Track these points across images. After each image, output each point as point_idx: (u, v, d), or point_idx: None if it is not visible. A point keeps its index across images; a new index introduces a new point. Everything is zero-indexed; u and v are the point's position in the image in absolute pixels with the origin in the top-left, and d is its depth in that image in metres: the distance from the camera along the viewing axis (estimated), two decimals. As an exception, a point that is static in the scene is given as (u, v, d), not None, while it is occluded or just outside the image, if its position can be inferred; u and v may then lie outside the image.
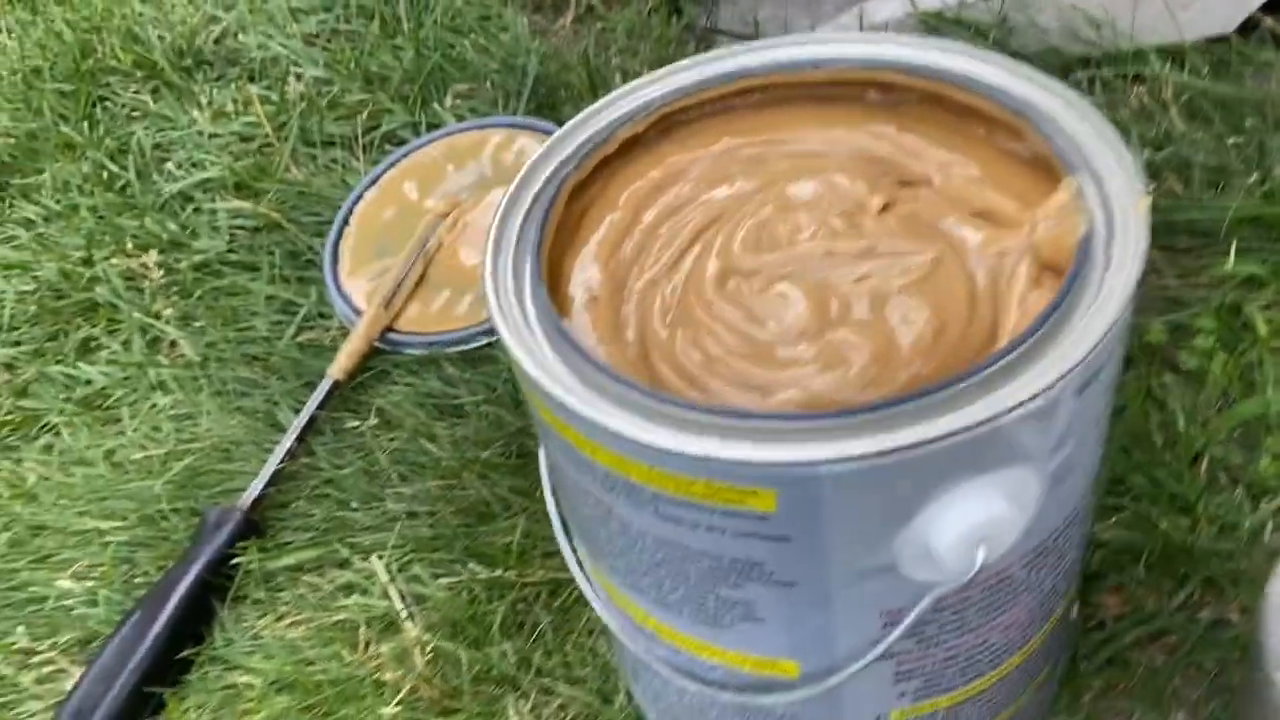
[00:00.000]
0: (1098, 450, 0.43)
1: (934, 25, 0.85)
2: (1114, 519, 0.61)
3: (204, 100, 1.08)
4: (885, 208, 0.46)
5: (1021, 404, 0.35)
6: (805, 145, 0.50)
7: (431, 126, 0.98)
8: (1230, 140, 0.77)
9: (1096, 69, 0.82)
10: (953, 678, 0.46)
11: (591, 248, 0.47)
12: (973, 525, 0.37)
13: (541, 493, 0.63)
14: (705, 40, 1.01)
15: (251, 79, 1.10)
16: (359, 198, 0.93)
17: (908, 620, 0.40)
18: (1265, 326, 0.68)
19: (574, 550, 0.51)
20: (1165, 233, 0.74)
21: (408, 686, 0.62)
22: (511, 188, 0.47)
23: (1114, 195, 0.41)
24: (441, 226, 0.88)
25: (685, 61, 0.52)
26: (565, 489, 0.46)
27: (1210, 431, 0.64)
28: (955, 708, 0.48)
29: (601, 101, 0.51)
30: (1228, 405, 0.65)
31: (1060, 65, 0.83)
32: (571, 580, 0.63)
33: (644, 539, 0.41)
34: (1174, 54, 0.82)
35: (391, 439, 0.76)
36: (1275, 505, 0.61)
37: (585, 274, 0.46)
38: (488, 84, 1.00)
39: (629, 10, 1.03)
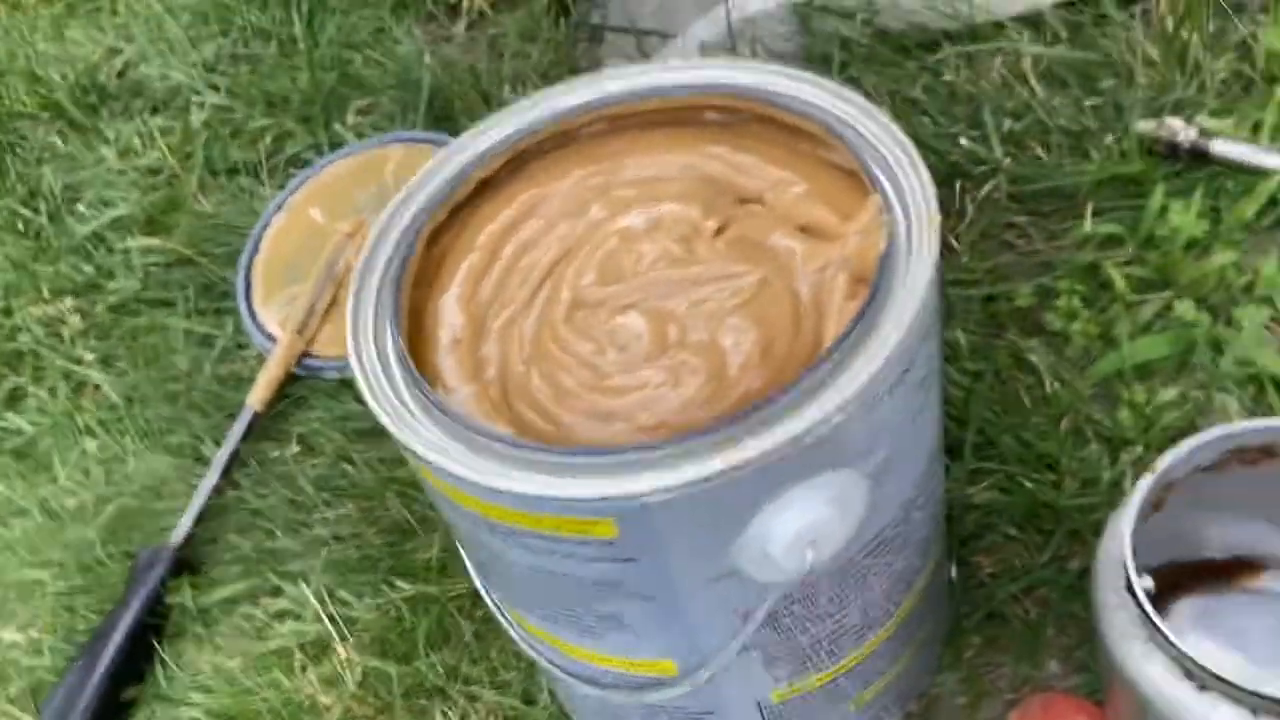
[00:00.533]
0: (924, 443, 0.47)
1: (805, 12, 0.88)
2: (986, 482, 0.65)
3: (111, 136, 1.09)
4: (719, 231, 0.49)
5: (825, 419, 0.38)
6: (647, 170, 0.53)
7: (334, 146, 1.00)
8: (1088, 103, 0.80)
9: (962, 44, 0.85)
10: (822, 658, 0.50)
11: (453, 291, 0.50)
12: (799, 530, 0.40)
13: None
14: (596, 37, 1.03)
15: (155, 110, 1.11)
16: (267, 224, 0.95)
17: (757, 618, 0.44)
18: (1123, 282, 0.72)
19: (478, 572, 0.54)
20: (1031, 198, 0.78)
21: (341, 708, 0.65)
22: (371, 239, 0.50)
23: (913, 210, 0.44)
24: (349, 247, 0.90)
25: (533, 98, 0.55)
26: (444, 516, 0.49)
27: (1075, 389, 0.68)
28: (833, 682, 0.52)
29: (456, 143, 0.54)
30: (1090, 363, 0.69)
31: (927, 42, 0.86)
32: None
33: (517, 565, 0.45)
34: (1034, 22, 0.85)
35: (313, 465, 0.79)
36: (1134, 456, 0.65)
37: (448, 317, 0.49)
38: (385, 99, 1.01)
39: (519, 13, 1.04)
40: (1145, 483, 0.47)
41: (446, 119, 0.98)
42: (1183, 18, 0.80)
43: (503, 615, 0.54)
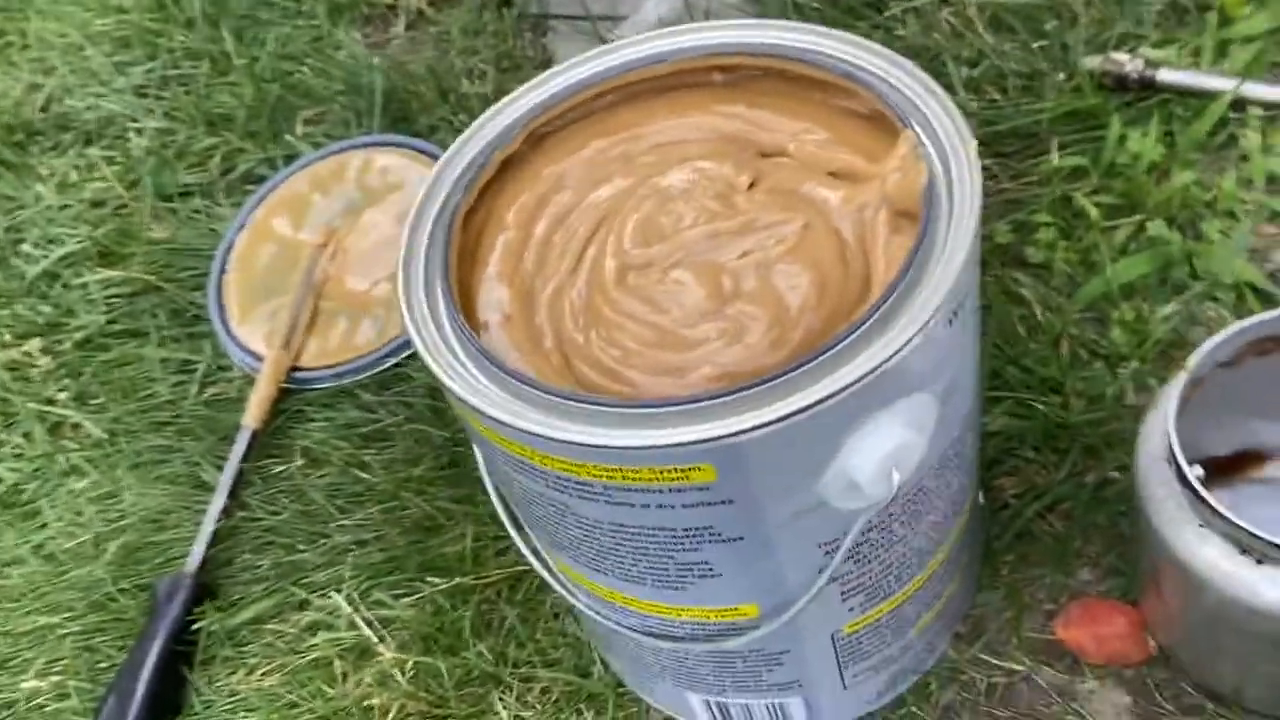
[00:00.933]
0: (975, 365, 0.49)
1: (753, -21, 0.90)
2: (999, 409, 0.68)
3: (45, 173, 1.06)
4: (752, 184, 0.50)
5: (903, 346, 0.40)
6: (666, 135, 0.54)
7: (288, 159, 0.98)
8: (1036, 45, 0.84)
9: (910, 0, 0.88)
10: (890, 584, 0.51)
11: (493, 269, 0.51)
12: (884, 455, 0.42)
13: (482, 496, 0.66)
14: (539, 27, 1.03)
15: (89, 142, 1.08)
16: (231, 244, 0.93)
17: (845, 546, 0.45)
18: (1095, 210, 0.75)
19: (529, 546, 0.55)
20: (995, 140, 0.81)
21: (396, 706, 0.65)
22: (406, 228, 0.50)
23: (945, 142, 0.46)
24: (323, 257, 0.89)
25: (540, 76, 0.55)
26: (514, 493, 0.50)
27: (1065, 315, 0.71)
28: (898, 609, 0.54)
29: (472, 127, 0.54)
30: (1075, 288, 0.72)
31: (875, 1, 0.89)
32: (529, 572, 0.67)
33: (601, 526, 0.45)
34: (973, -28, 0.88)
35: (322, 475, 0.78)
36: (1132, 369, 0.68)
37: (494, 295, 0.50)
38: (335, 106, 1.00)
39: (460, 9, 1.04)
40: (1180, 379, 0.50)
41: (403, 119, 0.97)
42: (1115, -43, 0.84)
43: (562, 586, 0.55)
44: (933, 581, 0.54)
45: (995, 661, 0.61)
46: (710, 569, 0.46)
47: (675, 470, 0.40)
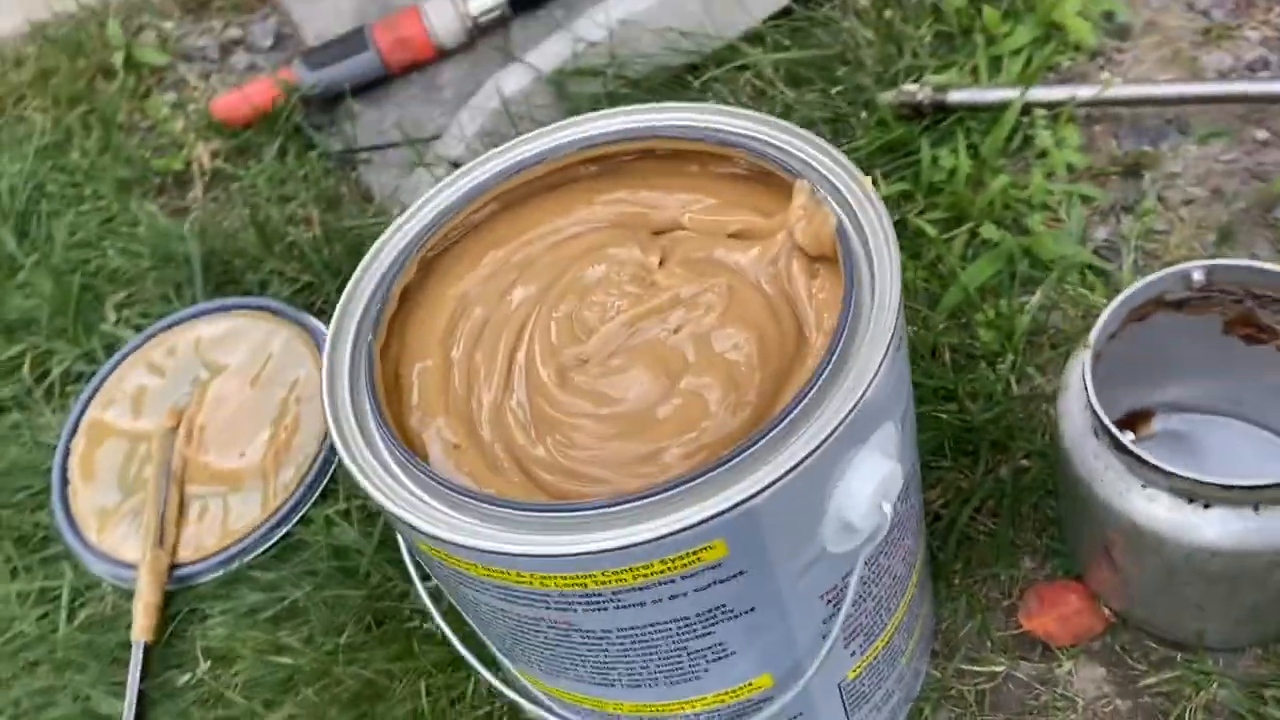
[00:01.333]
0: (910, 384, 0.50)
1: (558, 81, 0.92)
2: (907, 430, 0.70)
3: None
4: (661, 262, 0.50)
5: (874, 375, 0.41)
6: (560, 233, 0.53)
7: (109, 349, 0.92)
8: (833, 90, 0.89)
9: (709, 70, 0.92)
10: (882, 619, 0.52)
11: (421, 400, 0.49)
12: (874, 488, 0.42)
13: (422, 648, 0.63)
14: (348, 162, 1.02)
15: None
16: (67, 451, 0.85)
17: (853, 584, 0.45)
18: (930, 228, 0.80)
19: (505, 681, 0.52)
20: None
21: None
22: (324, 380, 0.47)
23: (837, 184, 0.48)
24: (177, 441, 0.83)
25: (416, 205, 0.54)
26: (499, 628, 0.47)
27: (934, 327, 0.75)
28: (890, 642, 0.54)
29: (360, 268, 0.52)
30: (936, 301, 0.77)
31: (675, 79, 0.93)
32: (493, 712, 0.63)
33: (609, 636, 0.44)
34: (757, 37, 0.94)
35: (235, 674, 0.72)
36: (1009, 364, 0.72)
37: (431, 427, 0.48)
38: (148, 284, 0.95)
39: (262, 161, 1.01)
40: (1083, 356, 0.54)
41: (229, 282, 0.93)
42: (883, 1, 0.91)
43: (556, 716, 0.52)
44: (911, 606, 0.55)
45: (976, 669, 0.63)
46: (724, 649, 0.45)
47: (687, 555, 0.40)
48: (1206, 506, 0.50)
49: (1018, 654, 0.63)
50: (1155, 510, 0.51)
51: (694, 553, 0.40)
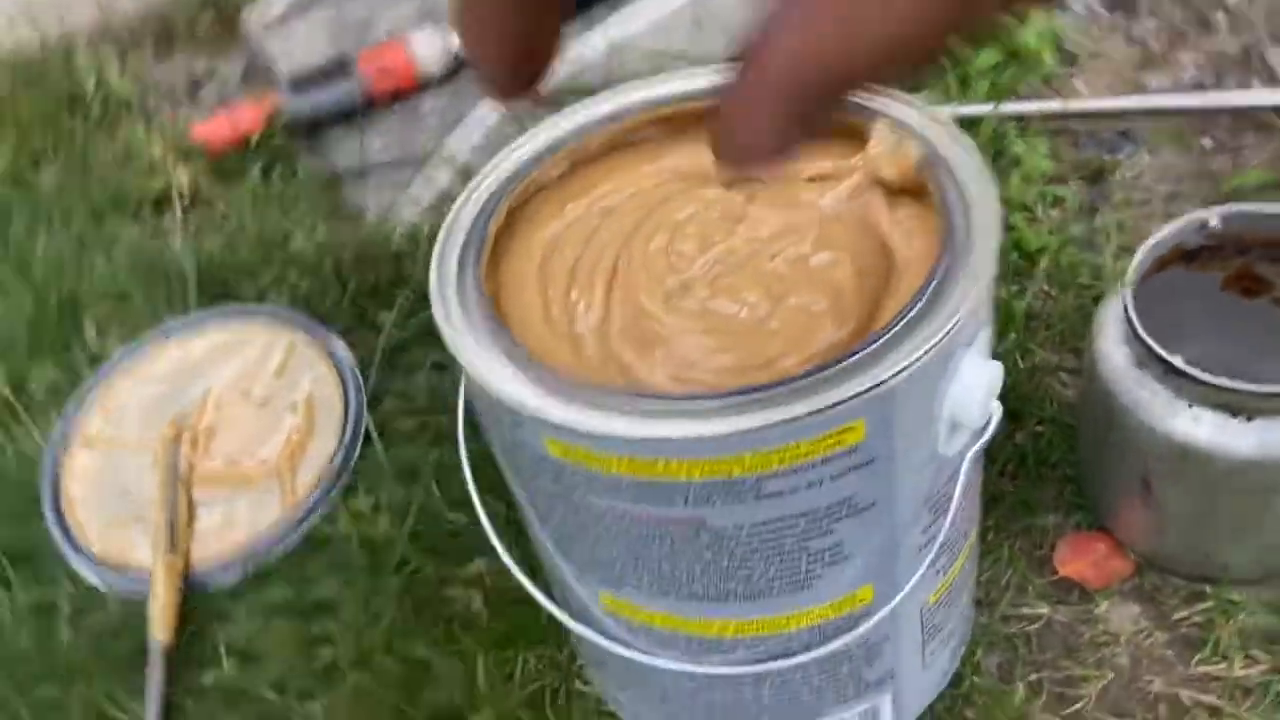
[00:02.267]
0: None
1: (556, 101, 0.95)
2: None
3: None
4: (747, 202, 0.53)
5: (989, 272, 0.44)
6: (635, 186, 0.56)
7: (95, 360, 0.89)
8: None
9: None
10: (959, 540, 0.54)
11: (527, 333, 0.50)
12: (984, 384, 0.45)
13: (462, 632, 0.63)
14: (331, 185, 1.02)
15: None
16: (58, 464, 0.82)
17: (958, 487, 0.48)
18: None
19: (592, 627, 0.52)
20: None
21: None
22: (441, 324, 0.48)
23: (915, 125, 0.52)
24: (180, 449, 0.81)
25: (489, 166, 0.55)
26: (612, 550, 0.48)
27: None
28: (961, 571, 0.56)
29: (445, 225, 0.53)
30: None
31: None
32: (546, 688, 0.63)
33: (739, 535, 0.45)
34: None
35: (264, 670, 0.69)
36: (1011, 341, 0.77)
37: (546, 354, 0.49)
38: (137, 299, 0.92)
39: (244, 183, 1.01)
40: (1124, 294, 0.58)
41: (224, 295, 0.92)
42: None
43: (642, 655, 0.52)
44: (975, 536, 0.58)
45: (1020, 613, 0.65)
46: (840, 551, 0.47)
47: (831, 436, 0.41)
48: (1249, 419, 0.54)
49: (1056, 599, 0.66)
50: (1200, 430, 0.55)
51: (837, 433, 0.41)
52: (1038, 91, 0.97)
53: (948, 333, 0.42)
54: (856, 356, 0.41)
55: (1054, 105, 0.91)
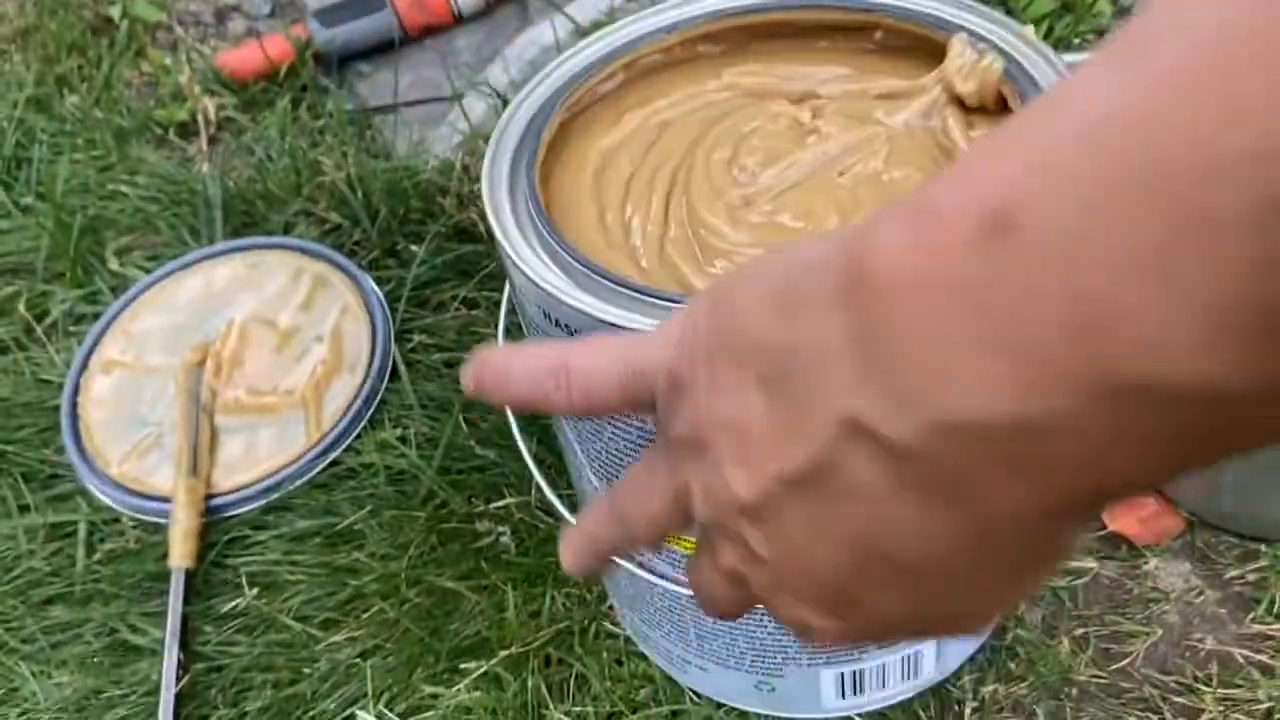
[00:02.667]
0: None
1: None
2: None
3: None
4: (814, 116, 0.51)
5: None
6: (696, 100, 0.53)
7: (115, 290, 0.87)
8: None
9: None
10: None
11: (582, 244, 0.47)
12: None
13: (489, 569, 0.61)
14: (361, 123, 1.00)
15: None
16: (76, 387, 0.80)
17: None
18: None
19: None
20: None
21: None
22: (498, 233, 0.46)
23: (995, 40, 0.49)
24: (203, 375, 0.79)
25: (544, 72, 0.53)
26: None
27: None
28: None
29: (497, 130, 0.51)
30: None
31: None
32: (572, 628, 0.61)
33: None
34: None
35: (286, 600, 0.68)
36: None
37: (599, 258, 0.46)
38: (162, 226, 0.90)
39: (273, 114, 0.98)
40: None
41: (251, 224, 0.89)
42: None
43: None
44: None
45: (1068, 566, 0.63)
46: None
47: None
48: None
49: (1103, 554, 0.64)
50: None
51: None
52: (1092, 45, 0.94)
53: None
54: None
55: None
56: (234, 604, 0.68)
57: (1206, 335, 0.15)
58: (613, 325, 0.40)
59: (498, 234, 0.45)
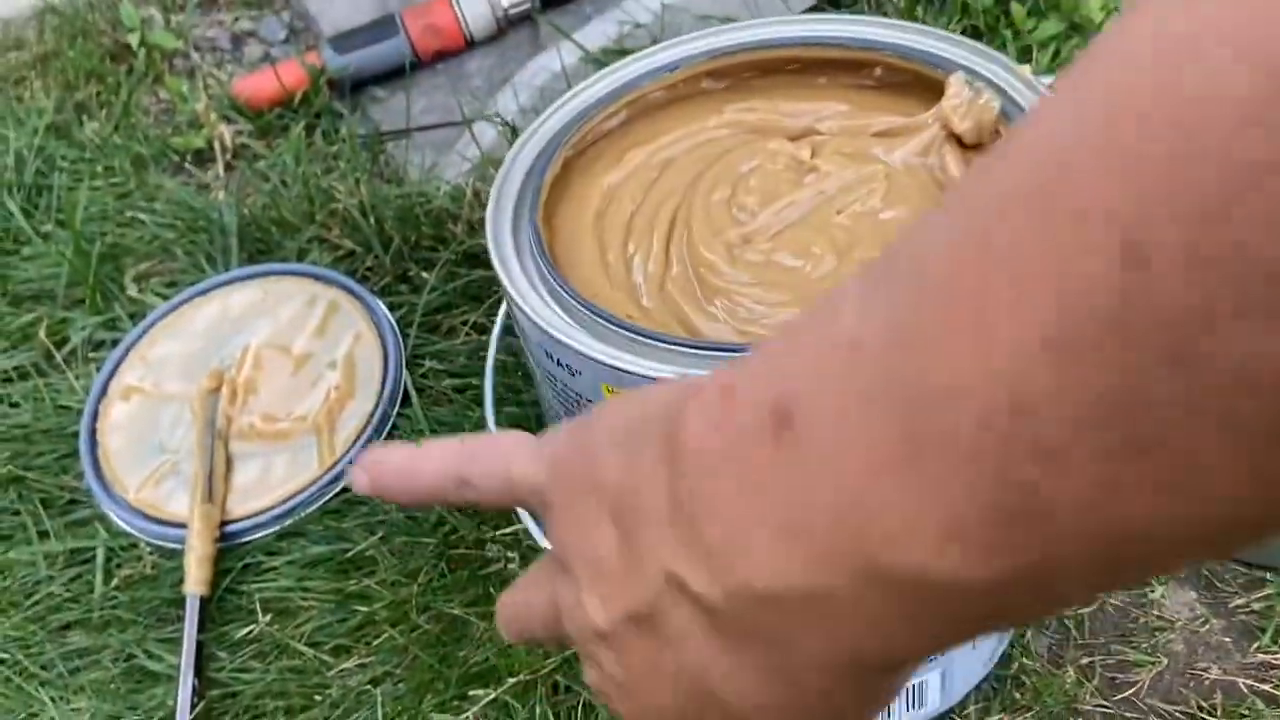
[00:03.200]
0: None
1: (604, 61, 0.93)
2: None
3: None
4: (813, 154, 0.51)
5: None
6: (697, 137, 0.54)
7: (134, 317, 0.89)
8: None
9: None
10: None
11: (584, 283, 0.48)
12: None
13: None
14: (374, 148, 1.01)
15: None
16: (95, 413, 0.82)
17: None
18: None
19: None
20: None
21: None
22: (500, 273, 0.47)
23: (991, 77, 0.50)
24: (219, 401, 0.80)
25: (548, 111, 0.54)
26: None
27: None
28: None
29: (501, 171, 0.52)
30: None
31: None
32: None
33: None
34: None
35: (299, 626, 0.69)
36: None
37: (603, 302, 0.47)
38: (178, 252, 0.92)
39: (288, 140, 1.00)
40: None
41: (265, 251, 0.91)
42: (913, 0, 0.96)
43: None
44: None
45: (1073, 594, 0.63)
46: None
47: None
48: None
49: (1110, 581, 0.64)
50: None
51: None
52: (1099, 67, 0.95)
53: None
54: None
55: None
56: (248, 630, 0.69)
57: (948, 533, 0.16)
58: (611, 367, 0.41)
59: (501, 276, 0.46)
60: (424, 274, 0.85)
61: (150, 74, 1.11)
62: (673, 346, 0.41)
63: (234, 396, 0.80)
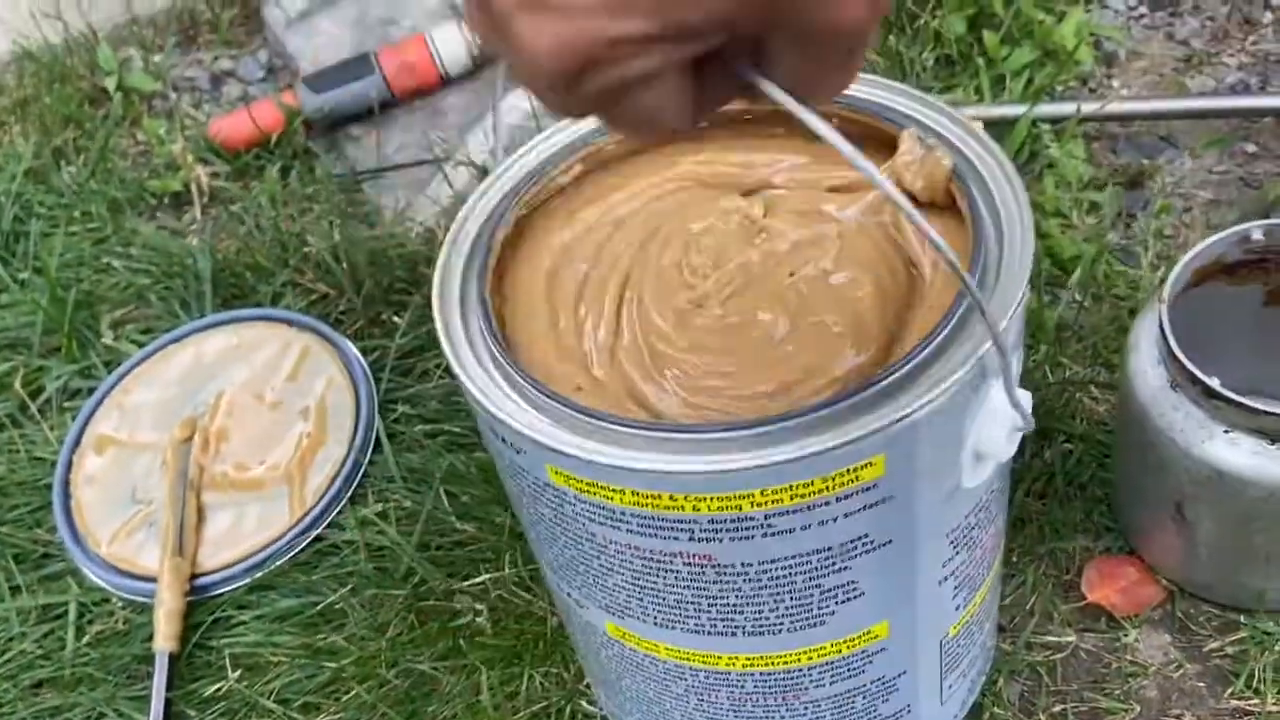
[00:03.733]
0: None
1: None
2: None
3: None
4: (765, 213, 0.51)
5: (1020, 298, 0.42)
6: (650, 192, 0.54)
7: (109, 365, 0.88)
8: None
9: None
10: (982, 572, 0.52)
11: (534, 350, 0.48)
12: (1010, 415, 0.43)
13: (467, 649, 0.61)
14: (350, 187, 1.01)
15: None
16: (69, 464, 0.81)
17: (983, 515, 0.45)
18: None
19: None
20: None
21: None
22: (443, 338, 0.46)
23: (943, 132, 0.49)
24: (191, 452, 0.80)
25: (501, 168, 0.53)
26: (616, 579, 0.46)
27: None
28: (984, 601, 0.54)
29: (451, 231, 0.51)
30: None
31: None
32: (562, 702, 0.61)
33: (747, 572, 0.43)
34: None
35: (268, 682, 0.68)
36: (1042, 353, 0.74)
37: (552, 370, 0.47)
38: (152, 298, 0.92)
39: (263, 184, 0.99)
40: (1158, 310, 0.55)
41: (239, 296, 0.90)
42: (886, 28, 0.95)
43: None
44: (997, 566, 0.55)
45: (1044, 640, 0.63)
46: (854, 589, 0.45)
47: (847, 472, 0.39)
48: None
49: (1083, 626, 0.63)
50: (1237, 455, 0.53)
51: (854, 470, 0.39)
52: (1075, 92, 0.94)
53: (977, 359, 0.40)
54: (877, 387, 0.39)
55: (1091, 107, 0.87)
56: (217, 687, 0.68)
57: None
58: (553, 450, 0.41)
59: (446, 349, 0.45)
60: (396, 318, 0.85)
61: (128, 117, 1.11)
62: (617, 427, 0.40)
63: (206, 445, 0.80)
